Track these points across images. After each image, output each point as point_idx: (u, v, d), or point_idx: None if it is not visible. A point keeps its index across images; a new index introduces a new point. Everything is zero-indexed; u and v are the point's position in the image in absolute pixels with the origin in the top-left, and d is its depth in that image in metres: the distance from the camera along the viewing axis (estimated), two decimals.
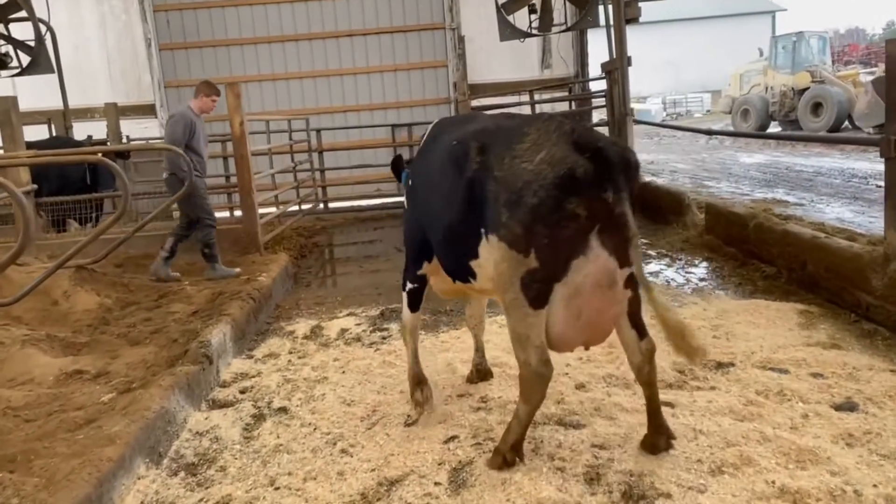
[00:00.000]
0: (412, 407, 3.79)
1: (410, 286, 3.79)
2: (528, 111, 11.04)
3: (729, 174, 13.90)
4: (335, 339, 5.36)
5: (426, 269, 3.69)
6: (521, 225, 2.82)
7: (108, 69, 12.80)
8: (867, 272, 4.63)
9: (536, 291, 2.87)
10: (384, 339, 5.25)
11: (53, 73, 10.70)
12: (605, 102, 11.29)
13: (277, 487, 3.17)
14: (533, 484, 2.95)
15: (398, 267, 7.71)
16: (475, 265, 3.17)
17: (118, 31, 12.73)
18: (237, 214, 10.37)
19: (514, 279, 2.90)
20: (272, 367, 4.82)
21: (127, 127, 11.71)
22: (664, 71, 46.07)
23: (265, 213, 8.10)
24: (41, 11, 10.43)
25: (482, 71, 12.71)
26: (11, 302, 5.07)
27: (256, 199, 7.88)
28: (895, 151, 4.29)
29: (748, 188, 11.61)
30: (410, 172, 3.80)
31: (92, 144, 9.86)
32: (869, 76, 22.95)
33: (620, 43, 10.16)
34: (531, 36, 11.11)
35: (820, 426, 3.29)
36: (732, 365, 4.14)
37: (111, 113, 10.76)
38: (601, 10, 10.89)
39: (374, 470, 3.22)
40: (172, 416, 3.73)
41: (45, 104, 11.43)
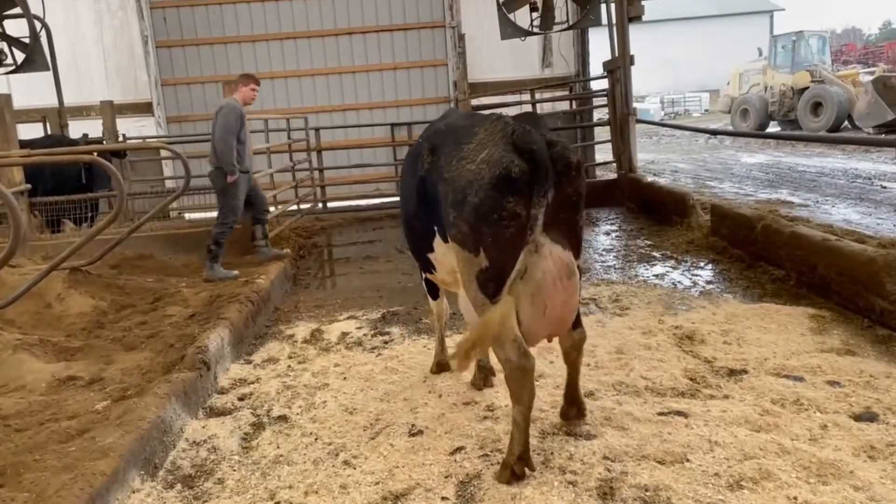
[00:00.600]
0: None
1: (425, 275, 4.05)
2: (528, 110, 10.93)
3: (731, 174, 13.80)
4: (336, 343, 5.23)
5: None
6: (466, 224, 2.96)
7: (104, 67, 12.65)
8: (881, 276, 4.52)
9: (493, 289, 2.98)
10: (386, 343, 5.12)
11: (48, 70, 10.55)
12: (606, 102, 11.21)
13: (278, 502, 3.04)
14: (544, 499, 2.84)
15: (399, 268, 7.70)
16: (433, 258, 3.50)
17: (114, 28, 12.58)
18: None
19: (471, 278, 3.05)
20: (271, 372, 4.70)
21: (123, 125, 11.57)
22: (662, 70, 46.02)
23: None
24: (36, 8, 10.29)
25: (483, 70, 12.59)
26: (3, 305, 4.94)
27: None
28: None
29: (751, 189, 11.51)
30: None
31: (87, 143, 9.72)
32: (868, 76, 22.87)
33: (623, 41, 10.07)
34: (532, 34, 11.00)
35: (840, 438, 3.18)
36: (745, 372, 4.03)
37: (107, 111, 10.61)
38: (603, 8, 10.78)
39: (378, 483, 3.10)
40: (168, 425, 3.60)
41: (40, 102, 11.29)
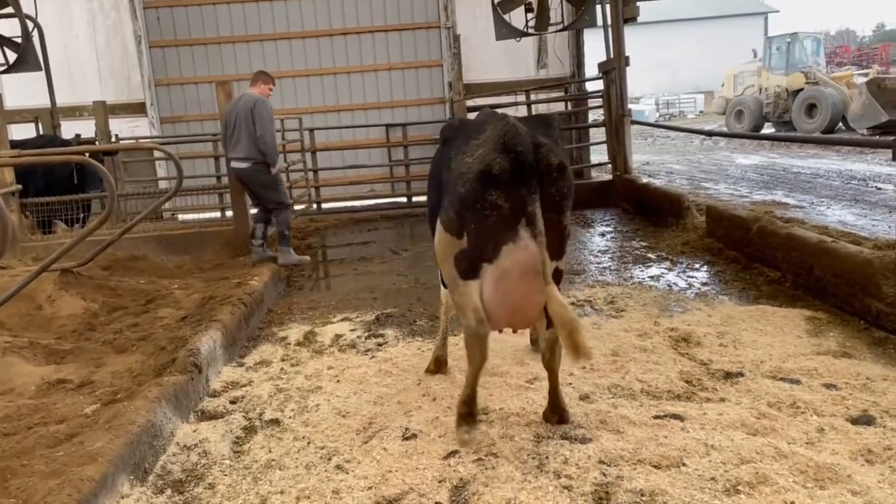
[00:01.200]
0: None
1: None
2: (523, 111, 10.90)
3: (726, 175, 13.79)
4: (329, 345, 5.19)
5: None
6: (454, 211, 3.27)
7: (97, 67, 12.56)
8: (878, 278, 4.50)
9: (466, 265, 3.27)
10: (380, 345, 5.08)
11: (41, 70, 10.46)
12: (601, 103, 11.19)
13: None
14: None
15: (393, 270, 7.65)
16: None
17: (107, 27, 12.49)
18: (228, 215, 10.19)
19: (448, 257, 3.37)
20: (264, 375, 4.65)
21: (116, 126, 11.48)
22: (657, 72, 46.08)
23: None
24: (28, 8, 10.21)
25: (478, 70, 12.54)
26: None
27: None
28: None
29: (746, 190, 11.50)
30: None
31: (79, 143, 9.64)
32: (862, 78, 22.93)
33: (618, 42, 10.06)
34: (527, 35, 10.97)
35: (837, 441, 3.16)
36: (741, 374, 4.00)
37: (100, 111, 10.52)
38: (598, 9, 10.76)
39: (370, 488, 3.06)
40: (159, 429, 3.55)
41: (32, 102, 11.19)
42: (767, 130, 22.63)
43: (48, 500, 2.68)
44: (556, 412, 3.52)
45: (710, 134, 10.69)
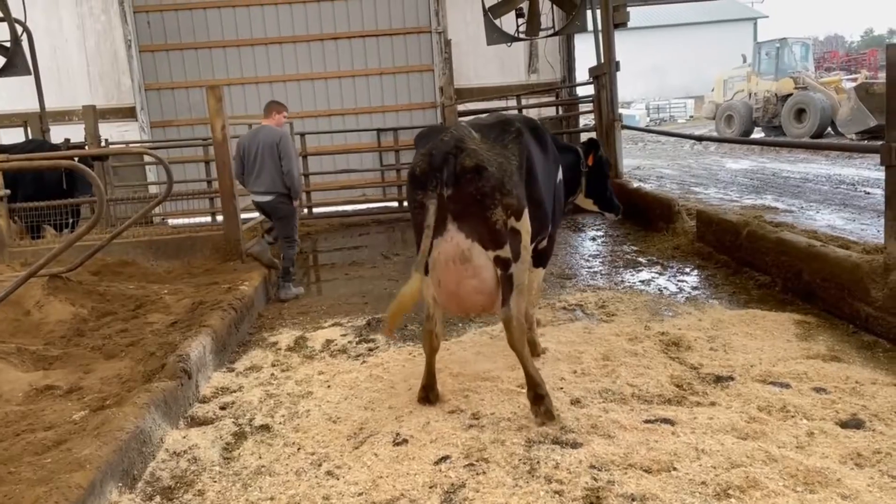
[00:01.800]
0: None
1: None
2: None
3: (716, 180, 13.87)
4: (320, 350, 5.17)
5: None
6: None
7: (86, 71, 12.51)
8: (866, 282, 4.53)
9: (422, 261, 3.53)
10: (371, 350, 5.07)
11: (30, 74, 10.41)
12: (591, 107, 11.23)
13: None
14: None
15: (385, 274, 7.64)
16: None
17: (97, 32, 12.45)
18: (219, 220, 10.15)
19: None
20: (254, 381, 4.63)
21: (106, 130, 11.44)
22: (648, 76, 46.33)
23: (247, 218, 7.89)
24: (17, 12, 10.16)
25: (469, 75, 12.58)
26: None
27: (238, 204, 7.68)
28: None
29: (736, 194, 11.56)
30: None
31: (69, 148, 9.59)
32: (851, 83, 23.12)
33: (608, 47, 10.10)
34: (518, 40, 11.01)
35: (827, 445, 3.17)
36: (732, 378, 4.01)
37: (90, 116, 10.48)
38: (589, 14, 10.81)
39: (361, 494, 3.05)
40: (148, 435, 3.53)
41: (21, 106, 11.17)
42: (757, 135, 22.77)
43: None
44: (529, 391, 3.66)
45: (700, 139, 10.73)
